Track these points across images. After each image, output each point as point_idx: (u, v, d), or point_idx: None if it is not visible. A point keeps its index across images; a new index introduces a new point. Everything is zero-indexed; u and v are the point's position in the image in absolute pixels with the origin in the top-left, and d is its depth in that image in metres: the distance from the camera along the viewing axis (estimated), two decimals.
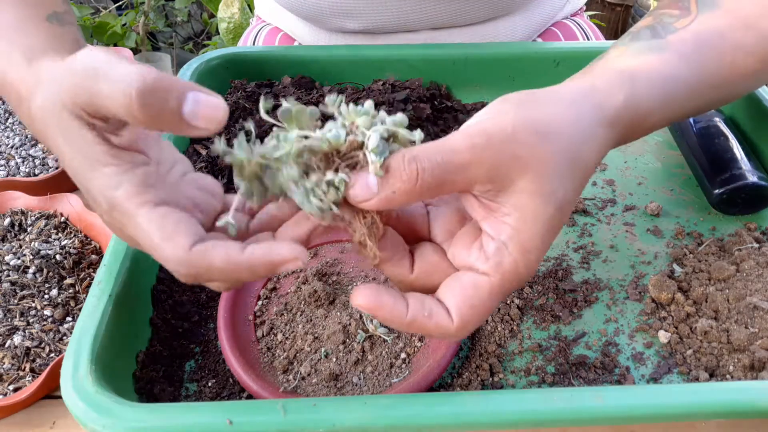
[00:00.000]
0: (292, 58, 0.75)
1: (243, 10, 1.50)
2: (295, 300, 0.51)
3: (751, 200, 0.61)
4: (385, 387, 0.46)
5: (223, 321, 0.48)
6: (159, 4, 1.89)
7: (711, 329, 0.49)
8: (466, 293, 0.35)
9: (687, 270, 0.55)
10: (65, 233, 0.62)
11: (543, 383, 0.48)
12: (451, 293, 0.36)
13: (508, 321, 0.52)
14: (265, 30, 0.94)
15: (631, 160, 0.70)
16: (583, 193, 0.65)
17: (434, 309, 0.35)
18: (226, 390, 0.47)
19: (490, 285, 0.35)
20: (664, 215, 0.63)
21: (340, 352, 0.48)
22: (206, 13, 2.00)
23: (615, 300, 0.54)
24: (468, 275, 0.36)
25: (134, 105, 0.31)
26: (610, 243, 0.60)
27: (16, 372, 0.50)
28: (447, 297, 0.36)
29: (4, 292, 0.55)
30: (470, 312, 0.35)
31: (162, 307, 0.52)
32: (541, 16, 0.87)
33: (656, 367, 0.49)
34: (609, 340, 0.51)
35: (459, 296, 0.35)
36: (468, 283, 0.35)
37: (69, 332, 0.53)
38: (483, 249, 0.36)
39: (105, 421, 0.38)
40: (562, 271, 0.56)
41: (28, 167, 0.70)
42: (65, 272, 0.57)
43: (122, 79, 0.31)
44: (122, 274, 0.48)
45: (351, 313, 0.50)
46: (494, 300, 0.35)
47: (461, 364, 0.49)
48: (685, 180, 0.67)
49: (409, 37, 0.81)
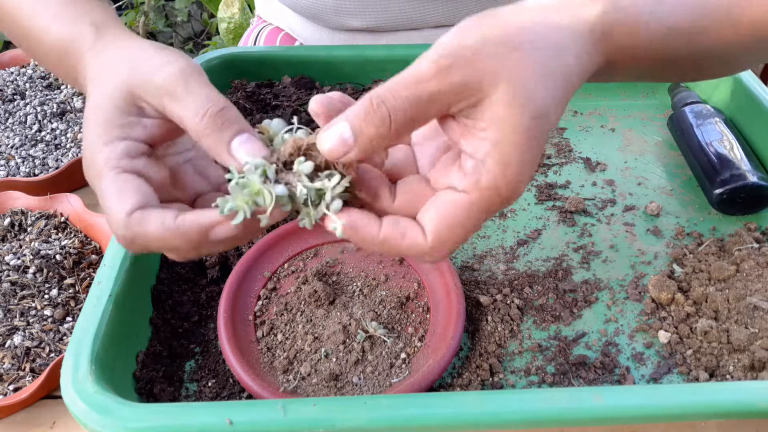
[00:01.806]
0: (292, 58, 0.75)
1: (243, 10, 1.50)
2: (295, 300, 0.51)
3: (751, 200, 0.61)
4: (385, 387, 0.46)
5: (223, 321, 0.48)
6: (159, 4, 1.89)
7: (711, 329, 0.49)
8: (443, 211, 0.35)
9: (687, 270, 0.55)
10: (65, 233, 0.62)
11: (543, 383, 0.48)
12: (428, 214, 0.35)
13: (508, 321, 0.52)
14: (266, 30, 0.94)
15: (631, 160, 0.70)
16: (582, 193, 0.65)
17: (408, 228, 0.35)
18: (226, 390, 0.47)
19: (469, 202, 0.34)
20: (664, 215, 0.63)
21: (340, 352, 0.48)
22: (206, 13, 2.00)
23: (615, 300, 0.54)
24: (446, 194, 0.35)
25: (205, 121, 0.36)
26: (610, 243, 0.60)
27: (16, 372, 0.50)
28: (425, 217, 0.36)
29: (4, 292, 0.55)
30: (447, 230, 0.35)
31: (162, 307, 0.52)
32: None
33: (656, 367, 0.49)
34: (609, 340, 0.51)
35: (435, 214, 0.35)
36: (445, 201, 0.35)
37: (69, 332, 0.53)
38: (462, 168, 0.35)
39: (105, 421, 0.38)
40: (562, 271, 0.56)
41: (28, 167, 0.70)
42: (65, 272, 0.57)
43: (204, 99, 0.36)
44: (122, 274, 0.48)
45: (351, 313, 0.50)
46: (472, 218, 0.35)
47: (461, 364, 0.49)
48: (685, 180, 0.67)
49: (411, 36, 0.81)
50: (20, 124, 0.75)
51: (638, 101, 0.80)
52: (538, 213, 0.63)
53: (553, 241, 0.60)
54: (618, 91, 0.80)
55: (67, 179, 0.68)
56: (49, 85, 0.81)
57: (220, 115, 0.36)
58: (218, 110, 0.36)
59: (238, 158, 0.36)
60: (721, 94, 0.74)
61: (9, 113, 0.77)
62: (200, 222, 0.35)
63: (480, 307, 0.53)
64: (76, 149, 0.72)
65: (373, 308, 0.50)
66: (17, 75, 0.83)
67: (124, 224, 0.35)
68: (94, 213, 0.62)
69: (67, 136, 0.74)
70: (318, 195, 0.35)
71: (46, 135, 0.73)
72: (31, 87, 0.81)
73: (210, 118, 0.36)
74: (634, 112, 0.78)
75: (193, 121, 0.36)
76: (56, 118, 0.76)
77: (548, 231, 0.61)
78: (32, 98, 0.78)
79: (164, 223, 0.35)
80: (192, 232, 0.35)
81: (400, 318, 0.50)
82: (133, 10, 1.77)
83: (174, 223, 0.35)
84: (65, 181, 0.68)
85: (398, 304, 0.51)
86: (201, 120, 0.36)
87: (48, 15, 0.46)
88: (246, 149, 0.36)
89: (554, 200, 0.64)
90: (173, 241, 0.35)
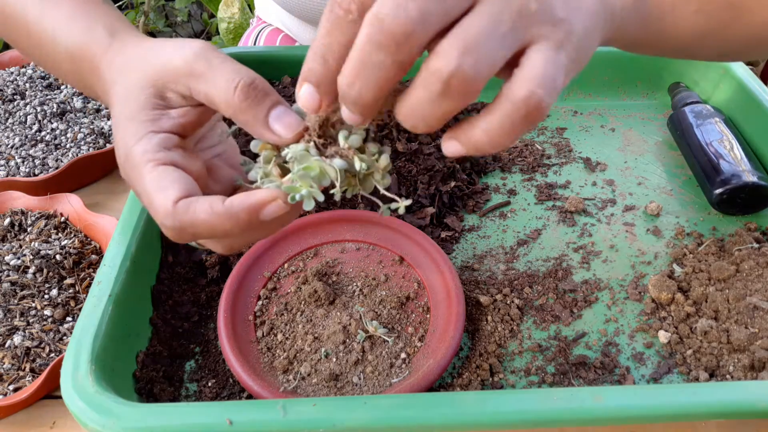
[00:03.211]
0: (292, 58, 0.75)
1: (243, 10, 1.50)
2: (295, 300, 0.51)
3: (751, 200, 0.61)
4: (385, 387, 0.46)
5: (223, 321, 0.48)
6: (159, 4, 1.89)
7: (711, 329, 0.49)
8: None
9: (687, 270, 0.55)
10: (65, 233, 0.62)
11: (543, 383, 0.48)
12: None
13: (508, 321, 0.52)
14: (266, 31, 0.94)
15: (631, 160, 0.70)
16: (582, 193, 0.65)
17: None
18: (226, 390, 0.47)
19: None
20: (664, 215, 0.63)
21: (340, 352, 0.48)
22: (206, 13, 2.00)
23: (615, 300, 0.54)
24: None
25: (237, 94, 0.35)
26: (610, 243, 0.60)
27: (16, 372, 0.50)
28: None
29: (4, 292, 0.55)
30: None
31: (162, 307, 0.52)
32: None
33: (656, 367, 0.49)
34: (609, 340, 0.51)
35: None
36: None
37: (69, 332, 0.53)
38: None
39: (105, 421, 0.38)
40: (562, 271, 0.56)
41: (28, 167, 0.70)
42: (65, 272, 0.57)
43: (231, 71, 0.35)
44: (122, 274, 0.48)
45: (351, 313, 0.50)
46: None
47: (461, 364, 0.49)
48: (685, 180, 0.67)
49: None
50: (20, 124, 0.75)
51: (638, 101, 0.80)
52: (538, 213, 0.63)
53: (553, 241, 0.60)
54: (618, 91, 0.80)
55: (67, 179, 0.68)
56: (49, 85, 0.81)
57: (253, 87, 0.35)
58: (250, 82, 0.35)
59: (276, 132, 0.35)
60: (721, 94, 0.74)
61: (9, 113, 0.77)
62: (250, 202, 0.34)
63: (480, 307, 0.53)
64: (76, 149, 0.72)
65: (373, 308, 0.50)
66: (17, 75, 0.83)
67: (172, 213, 0.35)
68: (94, 213, 0.62)
69: (67, 136, 0.74)
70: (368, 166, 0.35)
71: (46, 135, 0.73)
72: (31, 87, 0.81)
73: (242, 92, 0.35)
74: (634, 112, 0.78)
75: (225, 97, 0.35)
76: (56, 118, 0.76)
77: (548, 231, 0.61)
78: (32, 98, 0.78)
79: (213, 207, 0.34)
80: (243, 213, 0.34)
81: (400, 318, 0.50)
82: (133, 10, 1.77)
83: (223, 206, 0.34)
84: (65, 181, 0.68)
85: (398, 304, 0.51)
86: (233, 94, 0.35)
87: (58, 22, 0.45)
88: (284, 123, 0.35)
89: (554, 200, 0.64)
90: (224, 225, 0.35)
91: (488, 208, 0.63)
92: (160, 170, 0.36)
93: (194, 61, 0.36)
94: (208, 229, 0.35)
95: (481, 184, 0.66)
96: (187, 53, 0.37)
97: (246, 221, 0.34)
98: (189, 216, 0.35)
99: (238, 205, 0.34)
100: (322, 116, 0.35)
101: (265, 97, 0.35)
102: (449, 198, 0.62)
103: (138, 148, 0.36)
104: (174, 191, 0.35)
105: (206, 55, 0.36)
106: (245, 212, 0.34)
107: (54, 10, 0.46)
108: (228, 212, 0.34)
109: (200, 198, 0.35)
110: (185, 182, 0.36)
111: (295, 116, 0.35)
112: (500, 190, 0.66)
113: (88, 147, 0.72)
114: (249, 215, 0.34)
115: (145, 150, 0.36)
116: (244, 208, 0.34)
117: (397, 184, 0.60)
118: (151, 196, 0.35)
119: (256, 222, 0.35)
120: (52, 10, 0.46)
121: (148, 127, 0.37)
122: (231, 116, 0.36)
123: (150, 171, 0.36)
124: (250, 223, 0.35)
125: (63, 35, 0.44)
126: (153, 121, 0.37)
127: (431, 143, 0.65)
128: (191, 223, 0.35)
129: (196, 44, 0.37)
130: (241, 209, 0.34)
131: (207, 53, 0.36)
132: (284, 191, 0.34)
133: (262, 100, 0.35)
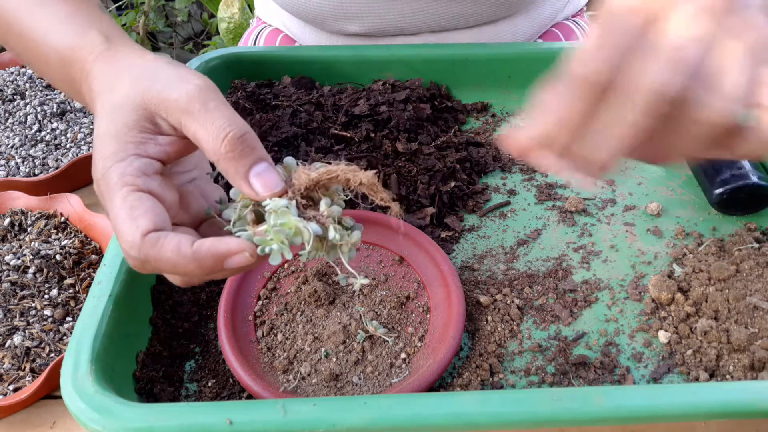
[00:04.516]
0: (292, 58, 0.75)
1: (243, 10, 1.50)
2: (295, 300, 0.51)
3: (751, 200, 0.61)
4: (385, 387, 0.46)
5: (223, 321, 0.48)
6: (159, 4, 1.89)
7: (711, 329, 0.49)
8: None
9: (687, 270, 0.55)
10: (65, 233, 0.62)
11: (543, 383, 0.48)
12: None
13: (508, 321, 0.52)
14: (266, 31, 0.94)
15: (631, 160, 0.70)
16: (582, 193, 0.65)
17: None
18: (226, 390, 0.47)
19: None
20: (664, 215, 0.63)
21: (340, 352, 0.48)
22: (206, 13, 2.00)
23: (615, 300, 0.54)
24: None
25: (224, 144, 0.35)
26: (610, 243, 0.60)
27: (16, 372, 0.50)
28: None
29: (4, 292, 0.55)
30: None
31: (162, 307, 0.52)
32: (542, 17, 0.87)
33: (656, 367, 0.49)
34: (609, 340, 0.51)
35: None
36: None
37: (69, 332, 0.53)
38: None
39: (105, 421, 0.38)
40: (562, 271, 0.56)
41: (28, 167, 0.70)
42: (65, 272, 0.57)
43: (224, 119, 0.36)
44: (122, 274, 0.48)
45: (351, 313, 0.50)
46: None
47: (461, 364, 0.49)
48: (685, 180, 0.67)
49: (409, 41, 0.81)
50: (20, 124, 0.75)
51: None
52: (538, 213, 0.63)
53: (553, 241, 0.60)
54: None
55: (67, 179, 0.68)
56: (49, 85, 0.81)
57: (241, 141, 0.36)
58: (240, 135, 0.36)
59: (254, 187, 0.36)
60: None
61: (9, 113, 0.77)
62: (219, 251, 0.35)
63: (480, 307, 0.53)
64: (76, 149, 0.72)
65: (373, 308, 0.50)
66: (17, 75, 0.83)
67: (139, 246, 0.35)
68: (94, 213, 0.62)
69: (67, 136, 0.74)
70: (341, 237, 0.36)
71: (46, 135, 0.73)
72: (31, 87, 0.81)
73: (230, 143, 0.35)
74: None
75: (213, 145, 0.36)
76: (56, 118, 0.76)
77: (548, 231, 0.61)
78: (32, 98, 0.78)
79: (180, 248, 0.35)
80: (209, 259, 0.35)
81: (400, 318, 0.50)
82: (133, 10, 1.77)
83: (190, 249, 0.35)
84: (65, 181, 0.68)
85: (398, 304, 0.51)
86: (221, 143, 0.35)
87: (51, 24, 0.45)
88: (263, 181, 0.36)
89: (554, 200, 0.64)
90: (187, 266, 0.35)
91: (488, 208, 0.63)
92: (135, 197, 0.36)
93: (192, 99, 0.36)
94: (171, 267, 0.35)
95: (481, 184, 0.66)
96: (188, 90, 0.37)
97: (210, 267, 0.35)
98: (155, 251, 0.35)
99: (205, 251, 0.35)
100: (315, 179, 0.35)
101: (251, 152, 0.36)
102: (449, 198, 0.62)
103: (117, 169, 0.36)
104: (145, 222, 0.35)
105: (205, 97, 0.36)
106: (211, 259, 0.35)
107: (48, 12, 0.45)
108: (194, 256, 0.35)
109: (169, 234, 0.35)
110: (157, 214, 0.36)
111: (276, 176, 0.36)
112: (500, 190, 0.66)
113: (88, 147, 0.72)
114: (214, 262, 0.35)
115: (124, 173, 0.36)
116: (211, 255, 0.35)
117: (397, 184, 0.60)
118: (121, 223, 0.35)
119: (219, 267, 0.35)
120: (46, 11, 0.45)
121: (132, 150, 0.37)
122: (214, 162, 0.36)
123: (125, 196, 0.36)
124: (213, 268, 0.35)
125: (55, 37, 0.44)
126: (138, 144, 0.37)
127: (431, 143, 0.65)
128: (156, 258, 0.35)
129: (199, 81, 0.37)
130: (209, 255, 0.35)
131: (206, 95, 0.37)
132: (255, 243, 0.35)
133: (248, 154, 0.36)
